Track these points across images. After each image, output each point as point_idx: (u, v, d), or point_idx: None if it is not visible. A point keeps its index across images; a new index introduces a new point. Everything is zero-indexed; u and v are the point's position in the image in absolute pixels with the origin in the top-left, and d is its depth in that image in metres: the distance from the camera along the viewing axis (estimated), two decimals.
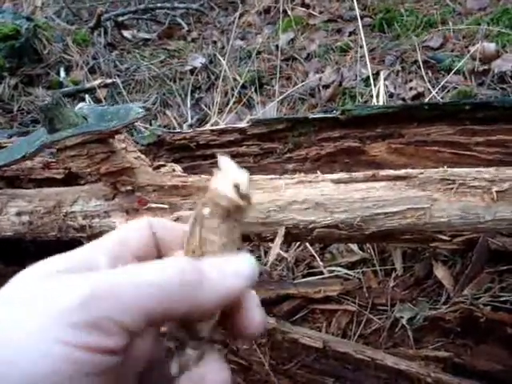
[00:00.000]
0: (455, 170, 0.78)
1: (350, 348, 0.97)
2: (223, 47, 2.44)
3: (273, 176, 0.83)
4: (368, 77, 1.80)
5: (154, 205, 0.83)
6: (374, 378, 0.95)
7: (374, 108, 1.05)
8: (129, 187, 0.84)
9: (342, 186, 0.79)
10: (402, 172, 0.78)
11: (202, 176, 0.86)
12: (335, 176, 0.81)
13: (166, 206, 0.83)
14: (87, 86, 2.20)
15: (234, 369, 1.04)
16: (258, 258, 1.36)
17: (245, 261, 0.37)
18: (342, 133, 1.04)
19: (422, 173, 0.77)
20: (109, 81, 2.21)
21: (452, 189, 0.75)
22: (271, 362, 1.01)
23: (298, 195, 0.78)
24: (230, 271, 0.36)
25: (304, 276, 1.25)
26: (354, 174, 0.80)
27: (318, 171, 0.84)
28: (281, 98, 1.92)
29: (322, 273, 1.23)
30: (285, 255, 1.33)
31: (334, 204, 0.77)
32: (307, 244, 1.33)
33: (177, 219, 0.82)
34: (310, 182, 0.80)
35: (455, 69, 1.75)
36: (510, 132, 1.01)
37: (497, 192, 0.73)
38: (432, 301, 1.06)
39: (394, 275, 1.15)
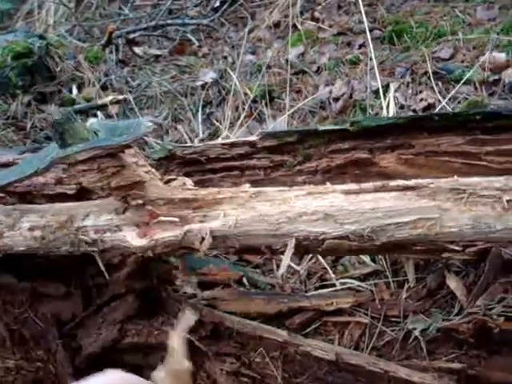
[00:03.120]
0: (465, 179, 0.78)
1: (362, 360, 0.96)
2: (233, 62, 2.46)
3: (282, 188, 0.84)
4: (378, 89, 1.80)
5: (164, 218, 0.84)
6: None
7: (384, 119, 1.05)
8: (139, 201, 0.85)
9: (352, 196, 0.79)
10: (411, 182, 0.78)
11: (213, 189, 0.86)
12: (345, 187, 0.81)
13: (176, 220, 0.83)
14: (99, 102, 2.22)
15: (246, 382, 1.04)
16: (271, 271, 1.36)
17: None
18: (352, 144, 1.04)
19: (432, 183, 0.77)
20: (120, 97, 2.23)
21: (462, 198, 0.75)
22: (284, 375, 1.01)
23: (308, 206, 0.78)
24: None
25: (316, 289, 1.24)
26: (363, 184, 0.80)
27: (328, 183, 0.84)
28: (291, 111, 1.92)
29: (334, 285, 1.22)
30: (297, 268, 1.33)
31: (343, 215, 0.77)
32: (319, 257, 1.32)
33: (187, 232, 0.82)
34: (320, 193, 0.80)
35: (465, 79, 1.74)
36: None
37: (508, 201, 0.72)
38: (445, 312, 1.05)
39: (406, 287, 1.14)
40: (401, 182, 0.79)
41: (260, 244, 0.82)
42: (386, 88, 1.79)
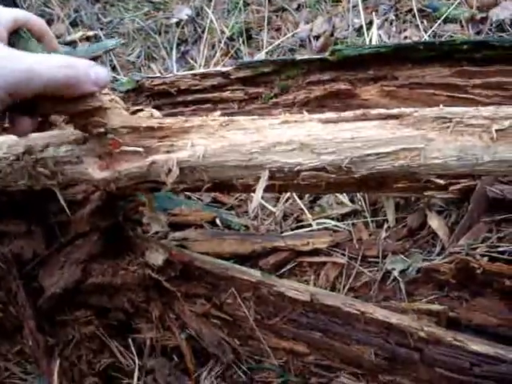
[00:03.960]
0: (452, 108, 0.72)
1: (338, 301, 0.92)
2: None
3: (255, 116, 0.77)
4: (361, 26, 1.73)
5: (127, 148, 0.77)
6: (364, 331, 0.91)
7: (366, 48, 0.98)
8: (101, 129, 0.78)
9: (330, 125, 0.73)
10: (394, 111, 0.72)
11: (180, 118, 0.80)
12: (323, 116, 0.75)
13: (140, 150, 0.77)
14: (68, 39, 2.11)
15: (217, 324, 1.00)
16: (245, 213, 1.32)
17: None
18: (332, 75, 0.99)
19: (416, 111, 0.71)
20: (91, 33, 2.13)
21: (448, 128, 0.70)
22: (256, 316, 0.97)
23: (283, 136, 0.72)
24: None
25: (292, 230, 1.20)
26: (343, 113, 0.74)
27: (305, 112, 0.78)
28: (269, 48, 1.85)
29: (310, 225, 1.18)
30: (272, 209, 1.28)
31: (321, 145, 0.71)
32: (296, 197, 1.28)
33: (152, 164, 0.76)
34: (296, 121, 0.74)
35: (445, 15, 1.68)
36: (509, 74, 0.95)
37: (497, 131, 0.67)
38: (426, 252, 1.01)
39: (385, 226, 1.10)
40: (383, 111, 0.73)
41: (231, 177, 0.76)
42: (369, 26, 1.72)
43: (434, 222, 1.02)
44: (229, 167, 0.74)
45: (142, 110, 0.86)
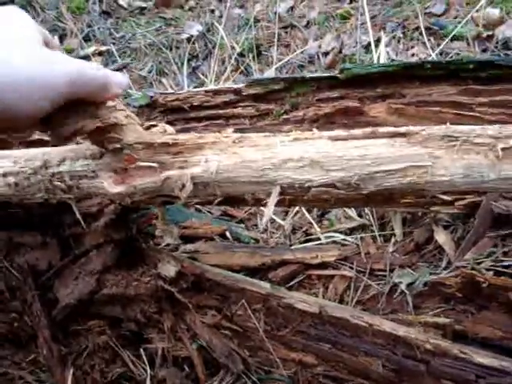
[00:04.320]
0: (458, 126, 0.74)
1: (346, 313, 0.94)
2: (221, 16, 2.39)
3: (267, 133, 0.80)
4: (369, 43, 1.76)
5: (142, 163, 0.80)
6: (372, 343, 0.92)
7: (374, 66, 1.01)
8: (117, 145, 0.81)
9: (340, 143, 0.75)
10: (402, 129, 0.75)
11: (194, 134, 0.82)
12: (332, 133, 0.77)
13: (155, 165, 0.79)
14: (81, 53, 2.15)
15: (227, 335, 1.02)
16: (255, 226, 1.34)
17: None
18: (341, 93, 1.01)
19: (423, 129, 0.74)
20: (103, 48, 2.16)
21: (455, 146, 0.72)
22: (266, 327, 0.99)
23: (294, 153, 0.75)
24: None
25: (301, 243, 1.22)
26: (352, 131, 0.76)
27: (315, 129, 0.80)
28: (279, 64, 1.88)
29: (319, 239, 1.20)
30: (282, 223, 1.31)
31: (330, 162, 0.73)
32: (305, 211, 1.30)
33: (166, 179, 0.79)
34: (306, 138, 0.76)
35: (454, 32, 1.70)
36: None
37: (502, 149, 0.69)
38: (432, 266, 1.03)
39: (393, 241, 1.12)
40: (391, 129, 0.75)
41: (243, 192, 0.78)
42: (377, 43, 1.75)
43: (441, 237, 1.04)
44: (241, 183, 0.76)
45: (155, 126, 0.89)
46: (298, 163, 0.74)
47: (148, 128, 0.87)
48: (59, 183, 0.88)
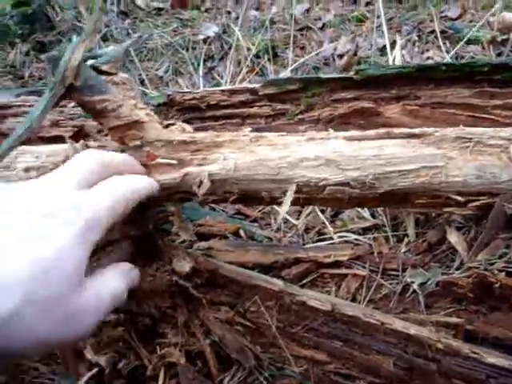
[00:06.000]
0: (471, 128, 0.75)
1: (359, 311, 0.95)
2: (237, 17, 2.41)
3: (283, 133, 0.81)
4: (384, 46, 1.77)
5: (162, 160, 0.82)
6: (383, 342, 0.93)
7: (389, 68, 1.02)
8: (137, 142, 0.83)
9: (355, 143, 0.77)
10: (416, 130, 0.76)
11: (212, 132, 0.84)
12: (347, 133, 0.79)
13: (174, 162, 0.81)
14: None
15: (240, 331, 1.03)
16: (268, 225, 1.35)
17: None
18: (356, 94, 1.02)
19: (437, 131, 0.75)
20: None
21: (468, 147, 0.73)
22: (278, 324, 1.00)
23: (309, 152, 0.76)
24: None
25: (314, 242, 1.23)
26: (366, 131, 0.78)
27: (331, 129, 0.82)
28: (294, 66, 1.89)
29: (332, 239, 1.21)
30: (295, 222, 1.32)
31: (345, 161, 0.75)
32: (318, 211, 1.31)
33: (185, 176, 0.80)
34: (322, 138, 0.78)
35: (467, 37, 1.71)
36: None
37: None
38: (444, 266, 1.04)
39: (406, 241, 1.13)
40: (405, 130, 0.77)
41: (259, 189, 0.80)
42: (392, 46, 1.76)
43: (453, 238, 1.05)
44: (258, 181, 0.78)
45: (174, 124, 0.90)
46: (314, 162, 0.76)
47: (167, 126, 0.89)
48: None
